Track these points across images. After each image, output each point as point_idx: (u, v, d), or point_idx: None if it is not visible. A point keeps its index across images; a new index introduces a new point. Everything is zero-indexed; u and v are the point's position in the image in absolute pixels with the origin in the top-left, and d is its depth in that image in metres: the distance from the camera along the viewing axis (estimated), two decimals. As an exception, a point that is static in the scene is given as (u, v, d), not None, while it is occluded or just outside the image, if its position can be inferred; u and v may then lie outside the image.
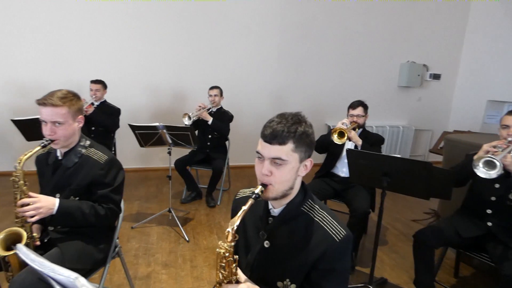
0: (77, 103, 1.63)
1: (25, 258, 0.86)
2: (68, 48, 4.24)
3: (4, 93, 4.14)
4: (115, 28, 4.34)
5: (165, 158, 4.68)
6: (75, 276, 0.83)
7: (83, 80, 4.02)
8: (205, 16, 4.60)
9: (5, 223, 2.96)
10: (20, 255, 0.86)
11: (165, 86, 4.65)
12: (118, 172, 1.73)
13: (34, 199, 1.48)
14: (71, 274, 0.84)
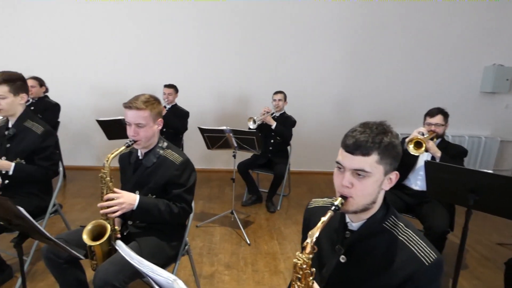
0: (158, 107, 1.75)
1: (125, 255, 0.91)
2: (144, 54, 4.60)
3: (90, 96, 4.64)
4: (185, 35, 4.60)
5: (226, 160, 4.83)
6: (174, 278, 0.86)
7: (157, 84, 4.33)
8: (272, 21, 4.64)
9: (87, 214, 3.30)
10: (120, 251, 0.91)
11: (230, 90, 4.79)
12: (191, 174, 1.80)
13: (118, 195, 1.61)
14: (170, 276, 0.87)
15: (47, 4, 4.34)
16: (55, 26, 4.40)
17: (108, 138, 3.35)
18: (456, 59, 4.88)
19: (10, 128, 2.10)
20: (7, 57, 4.33)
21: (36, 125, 2.12)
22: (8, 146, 2.09)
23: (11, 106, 2.03)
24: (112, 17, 4.47)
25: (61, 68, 4.46)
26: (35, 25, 4.37)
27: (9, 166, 2.01)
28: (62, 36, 4.44)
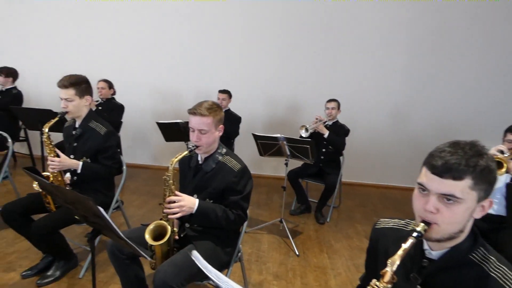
0: (220, 113, 1.78)
1: (203, 268, 0.91)
2: (200, 60, 4.77)
3: (150, 99, 4.91)
4: (239, 41, 4.69)
5: (275, 167, 4.80)
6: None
7: (211, 89, 4.46)
8: (326, 26, 4.56)
9: (143, 211, 3.47)
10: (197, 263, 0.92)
11: (281, 97, 4.78)
12: (248, 181, 1.80)
13: (179, 198, 1.65)
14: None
15: (117, 12, 4.69)
16: (123, 34, 4.74)
17: (165, 139, 3.51)
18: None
19: (77, 128, 2.26)
20: (82, 61, 4.75)
21: (99, 126, 2.25)
22: (75, 145, 2.25)
23: (77, 108, 2.17)
24: (171, 25, 4.71)
25: (126, 72, 4.78)
26: (108, 33, 4.75)
27: (77, 165, 2.16)
28: (129, 43, 4.77)
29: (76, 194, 1.16)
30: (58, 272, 2.25)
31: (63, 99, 2.13)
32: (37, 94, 4.73)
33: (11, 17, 4.80)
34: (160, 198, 3.85)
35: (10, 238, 2.70)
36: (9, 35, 4.84)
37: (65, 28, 4.79)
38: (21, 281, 2.22)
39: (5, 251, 2.55)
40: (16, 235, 2.42)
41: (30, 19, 4.79)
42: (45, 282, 2.19)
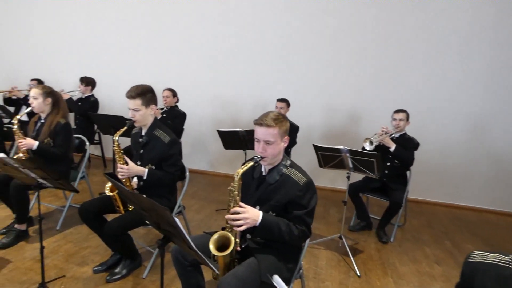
0: (285, 124, 1.74)
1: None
2: (259, 69, 4.80)
3: (210, 107, 5.07)
4: (298, 51, 4.63)
5: (332, 178, 4.62)
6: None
7: (269, 98, 4.46)
8: (393, 34, 4.31)
9: (201, 216, 3.55)
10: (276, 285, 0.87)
11: (341, 106, 4.61)
12: (313, 196, 1.72)
13: (243, 210, 1.63)
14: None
15: (182, 24, 4.96)
16: (188, 45, 4.99)
17: (224, 147, 3.57)
18: None
19: (143, 136, 2.38)
20: (149, 70, 5.10)
21: (163, 134, 2.34)
22: (141, 152, 2.37)
23: (143, 117, 2.29)
24: (233, 36, 4.82)
25: (189, 81, 5.01)
26: (174, 43, 5.04)
27: (143, 172, 2.27)
28: (192, 53, 5.00)
29: (153, 203, 1.19)
30: (125, 271, 2.37)
31: (130, 109, 2.25)
32: (109, 101, 5.16)
33: (92, 35, 5.33)
34: (218, 204, 3.96)
35: (84, 234, 2.94)
36: (89, 48, 5.38)
37: (134, 41, 5.18)
38: (93, 275, 2.38)
39: (80, 245, 2.77)
40: (89, 231, 2.62)
41: (106, 36, 5.27)
42: (113, 279, 2.32)
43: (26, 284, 2.22)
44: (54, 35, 5.51)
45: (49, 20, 5.48)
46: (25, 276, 2.31)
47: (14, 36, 5.72)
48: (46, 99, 2.84)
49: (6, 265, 2.42)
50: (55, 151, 2.81)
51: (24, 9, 5.58)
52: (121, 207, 2.30)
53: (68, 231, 2.99)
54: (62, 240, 2.82)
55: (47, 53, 5.60)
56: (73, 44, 5.45)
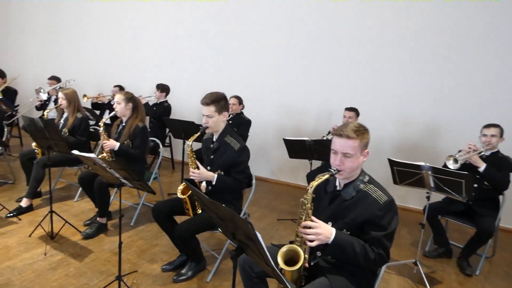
0: (367, 137, 1.61)
1: None
2: (326, 77, 4.66)
3: (274, 114, 5.06)
4: (369, 58, 4.39)
5: (402, 196, 4.25)
6: None
7: (336, 106, 4.30)
8: (485, 37, 3.84)
9: (263, 224, 3.51)
10: None
11: (417, 118, 4.23)
12: (394, 217, 1.57)
13: (315, 224, 1.54)
14: None
15: (248, 33, 5.06)
16: (254, 53, 5.07)
17: (289, 156, 3.50)
18: None
19: (214, 142, 2.43)
20: (217, 77, 5.29)
21: (234, 141, 2.37)
22: (212, 158, 2.42)
23: (216, 123, 2.34)
24: (299, 45, 4.76)
25: (254, 88, 5.07)
26: (241, 52, 5.16)
27: (212, 177, 2.31)
28: (258, 61, 5.06)
29: (233, 214, 1.17)
30: (190, 273, 2.43)
31: (204, 116, 2.31)
32: (180, 107, 5.47)
33: (167, 45, 5.73)
34: (279, 214, 3.89)
35: (154, 232, 3.10)
36: (165, 57, 5.78)
37: (203, 49, 5.42)
38: (161, 273, 2.49)
39: (151, 242, 2.93)
40: (159, 230, 2.74)
41: (179, 46, 5.62)
42: (180, 279, 2.39)
43: (104, 274, 2.40)
44: (134, 45, 6.05)
45: (131, 32, 6.04)
46: (104, 267, 2.50)
47: (102, 47, 6.42)
48: (127, 104, 3.09)
49: (88, 254, 2.65)
50: (133, 152, 3.03)
51: (110, 24, 6.24)
52: (190, 210, 2.37)
53: (140, 228, 3.19)
54: (135, 236, 3.01)
55: (128, 62, 6.16)
56: (150, 53, 5.92)
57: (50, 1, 6.69)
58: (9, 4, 7.10)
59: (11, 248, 2.64)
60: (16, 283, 2.23)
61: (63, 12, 6.63)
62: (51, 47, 6.88)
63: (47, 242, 2.75)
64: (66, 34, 6.69)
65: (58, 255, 2.60)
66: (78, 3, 6.44)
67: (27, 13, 6.97)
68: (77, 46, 6.62)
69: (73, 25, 6.59)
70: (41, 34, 6.95)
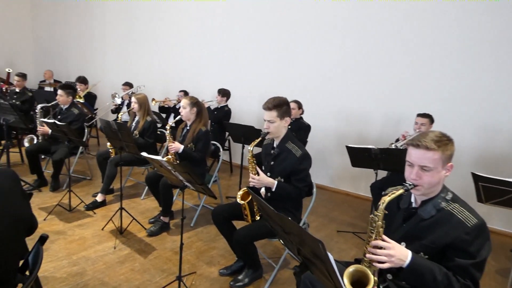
0: (450, 148, 1.41)
1: None
2: (393, 81, 4.32)
3: (334, 120, 4.85)
4: (449, 62, 3.96)
5: (484, 215, 3.73)
6: None
7: (405, 112, 3.96)
8: None
9: (321, 234, 3.35)
10: None
11: (505, 125, 3.68)
12: (485, 243, 1.34)
13: (388, 245, 1.38)
14: None
15: (311, 38, 4.93)
16: (314, 58, 4.93)
17: (352, 164, 3.30)
18: None
19: (275, 148, 2.37)
20: (275, 82, 5.26)
21: (295, 148, 2.29)
22: (272, 164, 2.37)
23: (277, 129, 2.28)
24: (362, 49, 4.50)
25: (314, 93, 4.93)
26: (301, 56, 5.06)
27: (272, 184, 2.25)
28: (318, 66, 4.91)
29: (301, 230, 1.10)
30: (247, 280, 2.40)
31: (266, 121, 2.27)
32: (239, 111, 5.55)
33: (227, 51, 5.87)
34: (339, 225, 3.70)
35: (213, 234, 3.15)
36: (225, 63, 5.93)
37: (263, 55, 5.42)
38: (219, 277, 2.50)
39: (209, 245, 2.97)
40: (217, 233, 2.77)
41: (239, 53, 5.71)
42: (236, 285, 2.37)
43: (165, 273, 2.49)
44: (197, 52, 6.31)
45: (194, 41, 6.31)
46: (165, 265, 2.59)
47: (168, 56, 6.82)
48: (192, 109, 3.20)
49: (151, 251, 2.78)
50: (196, 155, 3.12)
51: (176, 36, 6.60)
52: (249, 216, 2.34)
53: (199, 229, 3.27)
54: (195, 237, 3.09)
55: (192, 68, 6.45)
56: (212, 59, 6.12)
57: (127, 16, 7.33)
58: (94, 20, 7.94)
59: (86, 239, 2.89)
60: (89, 273, 2.42)
61: (137, 26, 7.21)
62: (126, 56, 7.53)
63: (117, 236, 2.96)
64: (139, 45, 7.26)
65: (125, 250, 2.77)
66: (150, 18, 6.94)
67: (108, 26, 7.72)
68: (148, 55, 7.14)
69: (145, 36, 7.12)
70: (118, 45, 7.65)
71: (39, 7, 9.12)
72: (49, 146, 3.89)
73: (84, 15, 8.12)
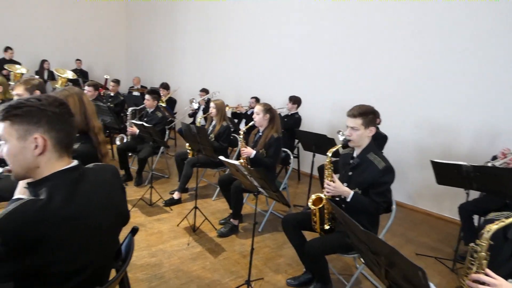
0: None
1: None
2: (487, 90, 3.80)
3: (417, 131, 4.43)
4: None
5: None
6: None
7: (505, 125, 3.45)
8: None
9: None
10: None
11: None
12: None
13: (493, 281, 1.19)
14: None
15: (386, 48, 4.62)
16: (391, 67, 4.61)
17: (437, 182, 2.97)
18: None
19: (354, 158, 2.24)
20: (348, 91, 5.05)
21: (378, 159, 2.15)
22: (350, 174, 2.25)
23: (360, 137, 2.16)
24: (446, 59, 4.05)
25: (393, 102, 4.60)
26: (377, 65, 4.78)
27: (348, 193, 2.13)
28: (395, 74, 4.57)
29: (396, 253, 1.00)
30: (315, 294, 2.31)
31: (349, 127, 2.18)
32: (309, 119, 5.46)
33: (299, 59, 5.84)
34: (417, 247, 3.38)
35: (280, 242, 3.12)
36: (297, 71, 5.91)
37: (335, 64, 5.26)
38: (286, 286, 2.46)
39: (276, 252, 2.95)
40: (284, 241, 2.74)
41: (311, 60, 5.63)
42: (304, 299, 2.30)
43: (234, 275, 2.53)
44: (268, 59, 6.40)
45: (266, 48, 6.42)
46: (234, 267, 2.64)
47: (241, 63, 7.06)
48: (265, 115, 3.24)
49: (221, 252, 2.86)
50: (267, 160, 3.15)
51: (248, 45, 6.79)
52: (318, 223, 2.26)
53: (266, 235, 3.27)
54: (262, 243, 3.10)
55: (263, 75, 6.57)
56: (283, 66, 6.15)
57: (205, 28, 7.82)
58: (175, 32, 8.66)
59: (163, 233, 3.10)
60: (166, 265, 2.59)
61: (213, 36, 7.64)
62: (203, 64, 8.02)
63: (190, 234, 3.12)
64: (214, 54, 7.68)
65: (198, 247, 2.90)
66: (226, 29, 7.30)
67: (188, 37, 8.34)
68: (222, 63, 7.50)
69: (220, 46, 7.50)
70: (196, 54, 8.19)
71: (132, 22, 10.30)
72: (136, 145, 4.32)
73: (169, 27, 8.90)
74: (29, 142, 1.05)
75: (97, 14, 9.82)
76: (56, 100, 1.12)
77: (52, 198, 1.02)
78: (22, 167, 1.08)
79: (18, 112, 1.05)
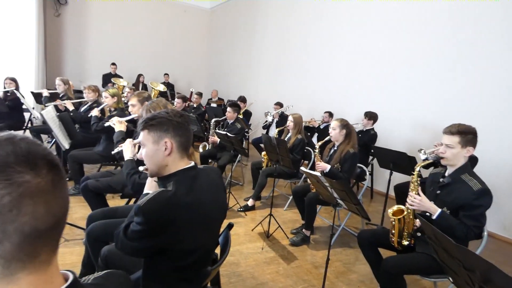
0: None
1: None
2: None
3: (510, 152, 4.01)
4: None
5: None
6: None
7: None
8: None
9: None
10: None
11: None
12: None
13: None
14: None
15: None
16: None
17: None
18: None
19: (445, 177, 2.15)
20: (429, 110, 4.77)
21: (473, 181, 2.03)
22: (438, 193, 2.15)
23: (455, 156, 2.07)
24: None
25: (483, 119, 4.21)
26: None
27: (435, 210, 2.04)
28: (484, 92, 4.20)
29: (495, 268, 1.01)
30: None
31: (444, 144, 2.11)
32: (386, 136, 5.28)
33: (379, 71, 5.72)
34: None
35: (352, 258, 3.10)
36: (375, 86, 5.78)
37: (417, 78, 5.01)
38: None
39: (348, 267, 2.94)
40: (357, 258, 2.75)
41: (389, 75, 5.46)
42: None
43: (306, 283, 2.61)
44: (343, 74, 6.38)
45: (340, 63, 6.42)
46: (306, 276, 2.72)
47: (314, 78, 7.16)
48: (341, 130, 3.29)
49: (293, 260, 2.96)
50: (341, 175, 3.18)
51: (322, 60, 6.87)
52: (396, 236, 2.20)
53: (338, 249, 3.27)
54: (333, 257, 3.10)
55: (338, 90, 6.57)
56: (359, 81, 6.08)
57: (280, 43, 8.18)
58: (252, 49, 9.20)
59: (240, 236, 3.33)
60: (242, 265, 2.78)
61: (288, 52, 7.93)
62: (277, 78, 8.34)
63: (264, 239, 3.29)
64: (288, 69, 7.95)
65: (271, 253, 3.05)
66: (301, 45, 7.53)
67: (264, 53, 8.79)
68: (295, 78, 7.71)
69: (295, 61, 7.75)
70: (271, 69, 8.58)
71: (213, 40, 11.24)
72: (216, 153, 4.70)
73: (246, 45, 9.50)
74: (161, 145, 1.33)
75: (183, 33, 11.01)
76: (179, 113, 1.41)
77: (178, 189, 1.27)
78: (156, 166, 1.36)
79: (153, 122, 1.35)
